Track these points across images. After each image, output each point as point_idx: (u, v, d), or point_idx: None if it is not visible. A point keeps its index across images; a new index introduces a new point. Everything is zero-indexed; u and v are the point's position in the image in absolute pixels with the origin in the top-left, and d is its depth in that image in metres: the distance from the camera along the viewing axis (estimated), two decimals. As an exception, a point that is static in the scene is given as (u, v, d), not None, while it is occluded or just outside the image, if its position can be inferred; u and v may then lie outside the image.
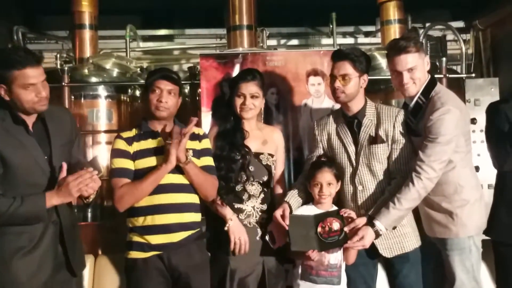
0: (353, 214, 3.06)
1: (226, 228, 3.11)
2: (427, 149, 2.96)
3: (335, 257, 3.10)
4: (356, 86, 3.11)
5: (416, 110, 3.12)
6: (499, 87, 4.55)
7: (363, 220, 3.02)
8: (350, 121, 3.18)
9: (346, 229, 3.02)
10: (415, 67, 3.07)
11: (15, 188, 2.65)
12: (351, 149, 3.16)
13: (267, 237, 3.17)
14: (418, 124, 3.08)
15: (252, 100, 3.24)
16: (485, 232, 3.21)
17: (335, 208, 3.17)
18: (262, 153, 3.28)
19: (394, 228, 3.03)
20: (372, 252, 3.14)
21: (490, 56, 5.39)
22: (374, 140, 3.12)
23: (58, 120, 2.87)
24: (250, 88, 3.23)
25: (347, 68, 3.08)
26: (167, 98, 3.02)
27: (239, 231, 3.12)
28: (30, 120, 2.76)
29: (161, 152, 2.96)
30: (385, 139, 3.11)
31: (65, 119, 2.96)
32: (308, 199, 3.22)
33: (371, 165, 3.12)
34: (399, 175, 3.07)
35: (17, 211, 2.59)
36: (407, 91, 3.12)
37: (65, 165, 2.71)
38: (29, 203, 2.61)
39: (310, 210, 3.16)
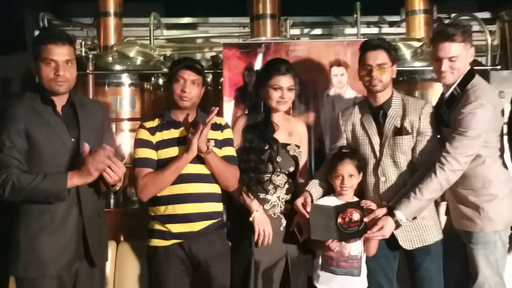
0: (373, 205, 3.07)
1: (251, 219, 3.12)
2: (454, 141, 2.95)
3: (355, 249, 3.10)
4: (390, 75, 3.12)
5: (450, 101, 3.10)
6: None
7: (383, 211, 3.02)
8: (376, 112, 3.17)
9: (365, 219, 3.03)
10: (457, 57, 3.03)
11: (41, 167, 2.70)
12: (376, 140, 3.15)
13: (294, 229, 3.18)
14: (451, 115, 3.06)
15: (289, 93, 3.25)
16: None
17: (356, 199, 3.17)
18: (289, 144, 3.29)
19: (414, 218, 3.02)
20: (392, 244, 3.14)
21: (517, 49, 5.31)
22: (399, 131, 3.10)
23: (89, 109, 2.92)
24: (287, 80, 3.23)
25: (383, 57, 3.07)
26: (190, 88, 3.04)
27: (264, 222, 3.13)
28: (59, 102, 2.81)
29: (183, 142, 2.98)
30: (410, 131, 3.09)
31: (96, 109, 3.00)
32: (329, 189, 3.22)
33: (395, 157, 3.11)
34: (423, 167, 3.06)
35: (38, 186, 2.63)
36: (444, 79, 3.09)
37: (86, 145, 2.72)
38: (50, 180, 2.65)
39: (332, 201, 3.16)
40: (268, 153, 3.19)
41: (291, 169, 3.27)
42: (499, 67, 4.64)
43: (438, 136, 3.15)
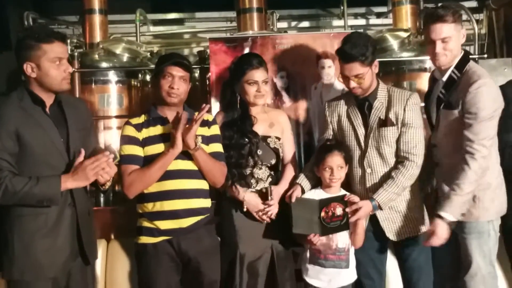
0: (356, 199, 3.07)
1: (245, 210, 3.16)
2: (472, 128, 2.92)
3: (342, 241, 3.12)
4: (370, 77, 3.10)
5: (449, 84, 3.08)
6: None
7: (365, 203, 3.03)
8: (361, 103, 3.18)
9: (347, 209, 3.04)
10: (449, 38, 3.02)
11: (31, 168, 2.68)
12: (361, 131, 3.15)
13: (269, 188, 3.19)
14: (451, 97, 3.04)
15: (265, 86, 3.25)
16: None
17: (343, 192, 3.18)
18: (269, 136, 3.29)
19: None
20: (381, 236, 3.15)
21: (504, 36, 5.31)
22: (384, 122, 3.11)
23: (74, 107, 2.90)
24: (262, 74, 3.23)
25: (358, 68, 3.04)
26: (178, 85, 3.01)
27: (255, 205, 3.16)
28: (48, 101, 2.79)
29: (170, 139, 2.96)
30: (395, 122, 3.10)
31: (81, 107, 2.99)
32: (318, 182, 3.22)
33: (380, 148, 3.11)
34: (408, 158, 3.06)
35: (31, 190, 2.61)
36: (438, 61, 3.08)
37: (83, 151, 2.73)
38: (43, 184, 2.63)
39: (319, 194, 3.17)
40: (248, 147, 3.19)
41: (273, 161, 3.27)
42: (486, 55, 4.65)
43: (434, 119, 3.15)
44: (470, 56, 4.47)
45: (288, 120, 3.46)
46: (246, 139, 3.20)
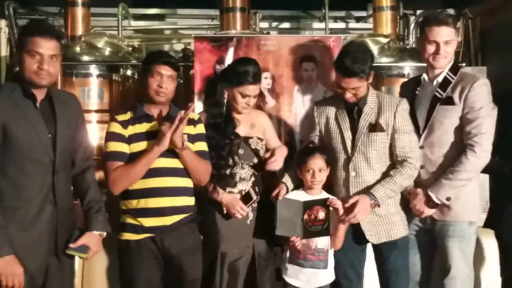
0: (338, 204, 3.11)
1: (225, 211, 3.19)
2: (475, 123, 3.05)
3: (322, 242, 3.16)
4: (365, 87, 3.17)
5: (444, 84, 3.18)
6: (487, 76, 4.59)
7: (362, 197, 3.08)
8: (351, 108, 3.21)
9: (347, 205, 3.08)
10: (451, 42, 3.17)
11: (15, 163, 2.67)
12: (347, 135, 3.19)
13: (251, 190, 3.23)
14: (453, 93, 3.13)
15: (254, 100, 3.31)
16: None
17: (325, 194, 3.22)
18: (251, 137, 3.32)
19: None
20: (360, 238, 3.21)
21: (479, 45, 5.43)
22: (374, 128, 3.15)
23: (65, 103, 2.89)
24: (256, 88, 3.28)
25: (355, 83, 3.08)
26: (167, 84, 3.02)
27: (233, 204, 3.18)
28: (39, 96, 2.77)
29: (156, 136, 2.96)
30: (385, 128, 3.15)
31: (72, 103, 2.97)
32: (301, 183, 3.27)
33: (367, 153, 3.15)
34: (406, 161, 3.12)
35: None
36: (438, 63, 3.18)
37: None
38: None
39: (300, 195, 3.20)
40: (228, 147, 3.22)
41: (255, 160, 3.30)
42: (463, 64, 4.76)
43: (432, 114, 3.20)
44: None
45: (268, 119, 3.51)
46: (228, 140, 3.23)
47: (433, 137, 3.18)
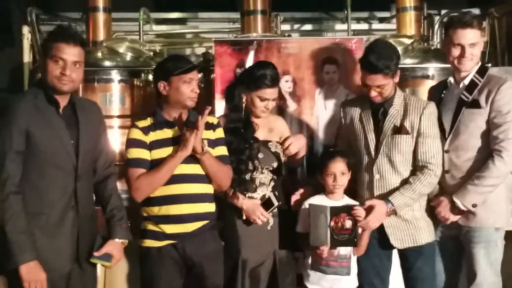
0: (361, 214, 3.05)
1: (244, 217, 3.16)
2: (503, 127, 2.99)
3: (344, 248, 3.12)
4: (391, 87, 3.12)
5: (471, 87, 3.12)
6: (514, 76, 4.52)
7: (380, 203, 3.04)
8: (376, 109, 3.17)
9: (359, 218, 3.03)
10: (477, 44, 3.09)
11: (39, 168, 2.70)
12: (371, 137, 3.15)
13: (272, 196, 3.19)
14: (479, 96, 3.07)
15: (273, 103, 3.29)
16: None
17: (347, 199, 3.19)
18: (270, 141, 3.30)
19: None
20: (385, 244, 3.15)
21: (505, 45, 5.33)
22: (398, 130, 3.11)
23: (87, 110, 2.91)
24: (274, 92, 3.26)
25: (380, 80, 3.05)
26: (198, 88, 3.03)
27: (254, 210, 3.15)
28: (62, 102, 2.79)
29: (177, 142, 2.95)
30: (410, 131, 3.09)
31: (94, 110, 3.00)
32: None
33: (391, 155, 3.10)
34: (427, 167, 3.06)
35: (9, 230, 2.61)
36: (463, 66, 3.12)
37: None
38: (19, 242, 2.63)
39: (321, 200, 3.18)
40: (248, 152, 3.19)
41: (274, 165, 3.27)
42: (489, 64, 4.66)
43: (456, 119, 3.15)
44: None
45: (285, 124, 3.50)
46: (247, 145, 3.20)
47: (458, 141, 3.10)
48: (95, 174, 2.96)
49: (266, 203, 3.19)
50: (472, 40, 3.07)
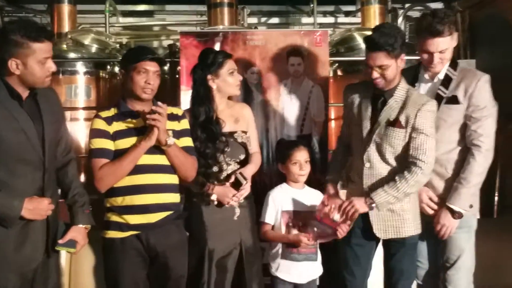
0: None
1: (215, 203, 3.17)
2: (480, 122, 3.02)
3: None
4: (394, 70, 2.99)
5: (447, 81, 3.12)
6: (475, 69, 4.60)
7: (358, 199, 3.05)
8: (376, 97, 3.10)
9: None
10: (446, 49, 3.06)
11: (6, 165, 2.64)
12: (366, 124, 3.09)
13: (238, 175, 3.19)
14: (457, 91, 3.07)
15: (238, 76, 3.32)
16: None
17: (307, 188, 3.32)
18: (235, 132, 3.29)
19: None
20: (370, 234, 3.11)
21: (468, 38, 5.43)
22: (393, 122, 3.03)
23: (47, 99, 2.83)
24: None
25: (382, 59, 2.94)
26: (153, 80, 2.97)
27: (226, 193, 3.16)
28: (24, 94, 2.73)
29: (141, 133, 2.93)
30: (404, 125, 3.02)
31: (53, 98, 2.92)
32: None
33: (382, 146, 3.04)
34: (415, 164, 2.98)
35: None
36: (434, 69, 3.11)
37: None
38: (5, 201, 2.60)
39: (285, 189, 3.30)
40: (215, 147, 3.19)
41: (242, 156, 3.28)
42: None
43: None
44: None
45: (251, 113, 3.45)
46: (214, 141, 3.19)
47: (437, 135, 3.07)
48: (55, 161, 2.89)
49: (235, 184, 3.19)
50: (442, 48, 3.03)
